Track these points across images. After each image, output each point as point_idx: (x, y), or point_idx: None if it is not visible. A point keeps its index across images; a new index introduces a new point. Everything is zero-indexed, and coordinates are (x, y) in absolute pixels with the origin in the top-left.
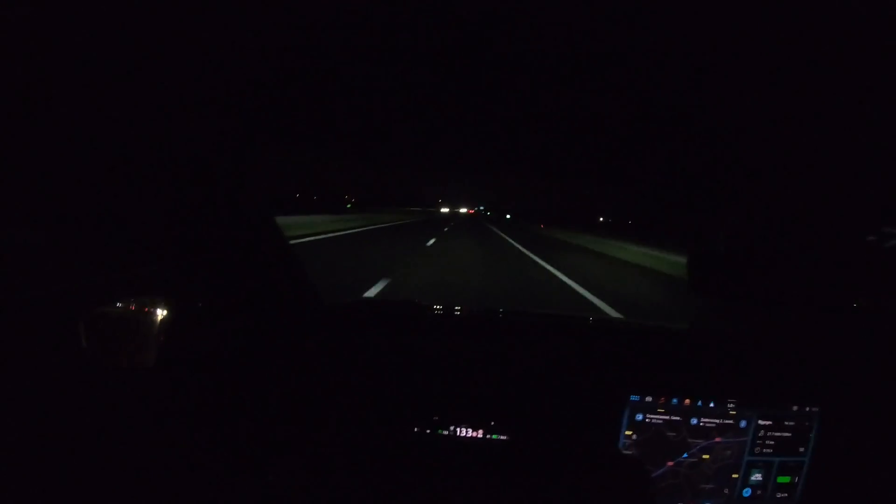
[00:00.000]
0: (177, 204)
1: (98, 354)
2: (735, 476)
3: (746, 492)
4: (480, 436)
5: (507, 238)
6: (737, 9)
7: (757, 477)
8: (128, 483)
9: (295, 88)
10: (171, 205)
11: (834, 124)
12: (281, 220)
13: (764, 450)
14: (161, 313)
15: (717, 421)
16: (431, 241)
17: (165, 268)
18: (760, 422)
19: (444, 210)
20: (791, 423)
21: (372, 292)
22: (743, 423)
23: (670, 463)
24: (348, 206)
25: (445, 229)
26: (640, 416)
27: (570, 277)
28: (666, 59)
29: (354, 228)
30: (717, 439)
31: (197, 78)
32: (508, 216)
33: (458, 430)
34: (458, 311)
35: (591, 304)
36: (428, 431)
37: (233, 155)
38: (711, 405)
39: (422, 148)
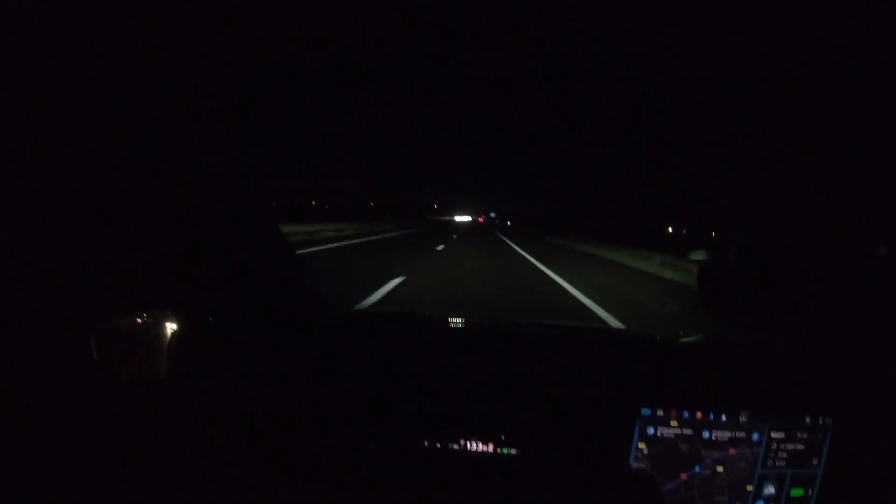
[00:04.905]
0: (185, 214)
1: (109, 367)
2: (749, 488)
3: None
4: (490, 450)
5: None
6: (765, 23)
7: (770, 490)
8: (138, 496)
9: (294, 94)
10: (179, 215)
11: (847, 135)
12: None
13: (777, 462)
14: (171, 326)
15: (730, 434)
16: None
17: (174, 279)
18: (773, 434)
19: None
20: (804, 435)
21: None
22: (756, 436)
23: (683, 475)
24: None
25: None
26: (651, 430)
27: None
28: (697, 71)
29: None
30: (731, 451)
31: (200, 87)
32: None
33: (467, 443)
34: (466, 322)
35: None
36: (438, 445)
37: (239, 164)
38: (724, 418)
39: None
